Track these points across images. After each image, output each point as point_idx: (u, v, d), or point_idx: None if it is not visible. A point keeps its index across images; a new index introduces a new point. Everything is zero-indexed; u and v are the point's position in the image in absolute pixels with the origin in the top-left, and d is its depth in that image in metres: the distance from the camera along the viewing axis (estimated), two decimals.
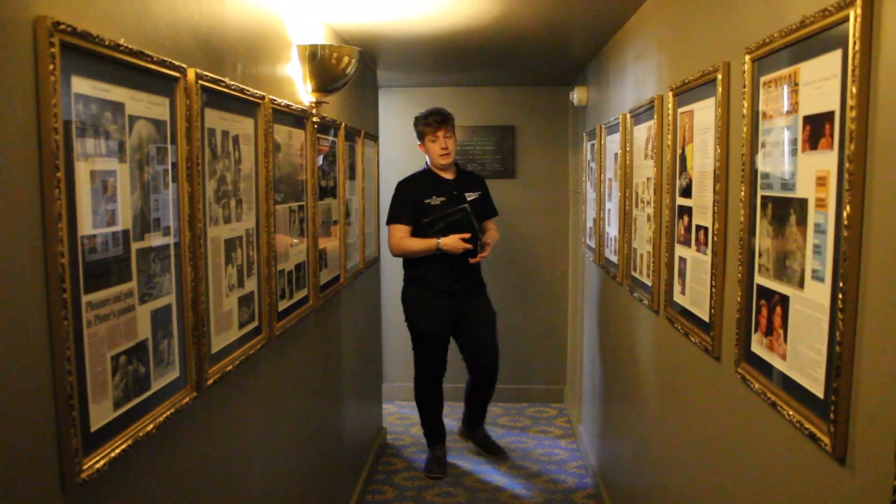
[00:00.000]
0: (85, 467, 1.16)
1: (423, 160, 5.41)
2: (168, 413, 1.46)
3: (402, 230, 3.87)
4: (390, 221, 3.93)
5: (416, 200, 3.88)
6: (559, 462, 4.34)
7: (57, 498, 1.13)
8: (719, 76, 1.78)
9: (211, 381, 1.68)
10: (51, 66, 1.07)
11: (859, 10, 1.10)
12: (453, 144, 3.93)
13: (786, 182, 1.39)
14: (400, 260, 4.06)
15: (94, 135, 1.20)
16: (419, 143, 4.00)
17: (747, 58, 1.56)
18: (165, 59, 1.44)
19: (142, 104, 1.36)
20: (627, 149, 3.01)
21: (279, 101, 2.22)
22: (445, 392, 4.19)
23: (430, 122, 3.88)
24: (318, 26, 2.89)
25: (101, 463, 1.20)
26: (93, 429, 1.20)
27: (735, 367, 1.65)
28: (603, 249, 3.67)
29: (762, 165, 1.51)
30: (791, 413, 1.34)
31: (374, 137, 4.32)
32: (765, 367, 1.49)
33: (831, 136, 1.20)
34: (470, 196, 3.94)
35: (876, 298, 1.09)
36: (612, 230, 3.37)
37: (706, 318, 1.90)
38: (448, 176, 3.98)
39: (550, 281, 5.32)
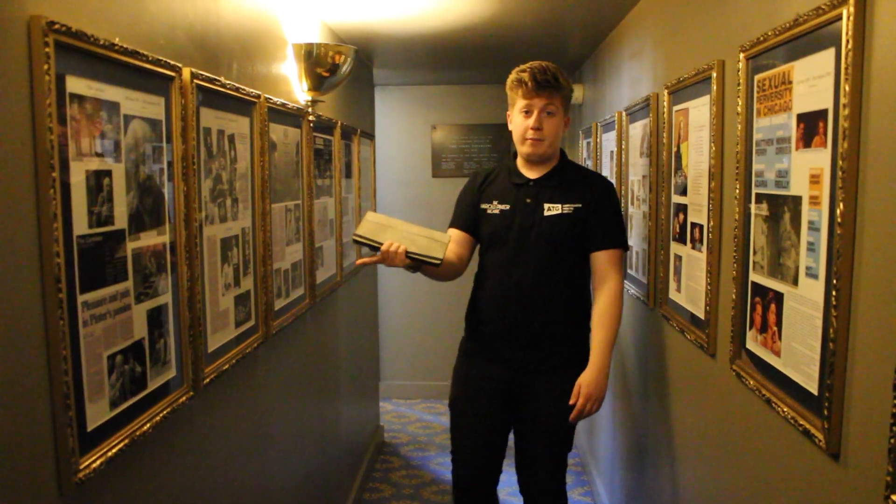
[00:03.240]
0: (81, 467, 1.17)
1: (421, 159, 5.41)
2: (165, 412, 1.46)
3: (454, 235, 2.44)
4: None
5: (473, 202, 2.46)
6: None
7: (54, 498, 1.13)
8: (714, 74, 1.79)
9: (207, 381, 1.68)
10: (45, 66, 1.07)
11: (852, 9, 1.11)
12: (554, 127, 2.31)
13: (780, 180, 1.39)
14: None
15: (89, 134, 1.20)
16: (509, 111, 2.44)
17: (741, 56, 1.57)
18: (160, 58, 1.44)
19: (137, 103, 1.36)
20: (623, 147, 3.01)
21: (275, 99, 2.22)
22: None
23: (524, 81, 2.31)
24: (314, 25, 2.89)
25: (98, 462, 1.21)
26: (89, 428, 1.20)
27: (730, 364, 1.66)
28: None
29: (756, 163, 1.52)
30: (785, 409, 1.35)
31: (371, 136, 4.31)
32: (760, 364, 1.50)
33: (825, 133, 1.21)
34: (552, 210, 2.31)
35: (869, 295, 1.09)
36: None
37: (701, 316, 1.90)
38: (532, 174, 2.38)
39: None
